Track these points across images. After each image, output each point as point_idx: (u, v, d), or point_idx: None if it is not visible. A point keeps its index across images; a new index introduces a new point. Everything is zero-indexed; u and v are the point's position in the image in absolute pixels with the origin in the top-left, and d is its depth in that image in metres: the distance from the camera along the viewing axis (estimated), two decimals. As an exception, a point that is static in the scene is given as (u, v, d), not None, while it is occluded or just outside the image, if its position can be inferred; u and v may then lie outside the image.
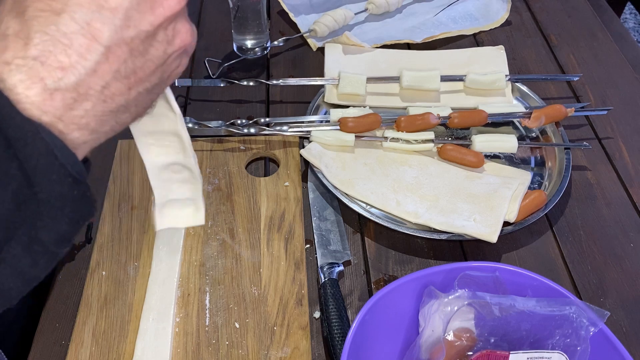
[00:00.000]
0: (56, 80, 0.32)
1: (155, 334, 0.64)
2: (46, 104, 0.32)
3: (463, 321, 0.58)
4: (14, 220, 0.31)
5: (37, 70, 0.31)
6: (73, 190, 0.33)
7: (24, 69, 0.31)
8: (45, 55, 0.32)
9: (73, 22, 0.32)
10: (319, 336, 0.66)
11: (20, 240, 0.32)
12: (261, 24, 0.98)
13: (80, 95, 0.33)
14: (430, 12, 1.11)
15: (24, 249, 0.32)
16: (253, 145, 0.84)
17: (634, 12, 2.70)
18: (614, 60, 1.02)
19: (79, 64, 0.32)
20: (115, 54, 0.34)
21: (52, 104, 0.32)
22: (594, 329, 0.55)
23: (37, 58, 0.31)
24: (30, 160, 0.30)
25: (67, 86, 0.32)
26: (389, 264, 0.73)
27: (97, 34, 0.33)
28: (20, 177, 0.31)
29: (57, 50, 0.32)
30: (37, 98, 0.32)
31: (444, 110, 0.86)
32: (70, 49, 0.32)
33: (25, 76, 0.31)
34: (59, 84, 0.32)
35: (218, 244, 0.73)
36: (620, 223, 0.78)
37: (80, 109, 0.33)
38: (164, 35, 0.36)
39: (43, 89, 0.32)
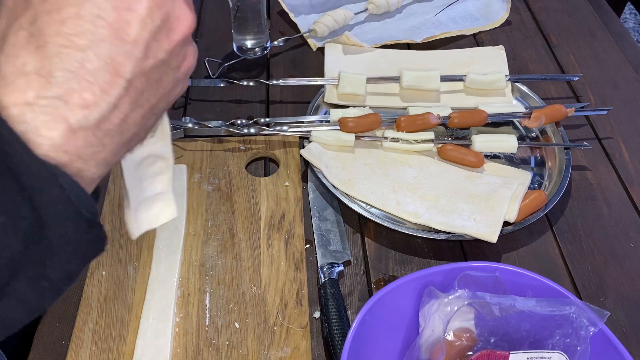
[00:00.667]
0: (80, 120, 0.31)
1: (155, 333, 0.64)
2: (69, 144, 0.31)
3: (463, 321, 0.58)
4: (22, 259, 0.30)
5: (61, 110, 0.30)
6: (87, 234, 0.32)
7: (47, 109, 0.30)
8: (69, 93, 0.31)
9: (97, 58, 0.31)
10: (319, 336, 0.66)
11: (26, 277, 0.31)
12: (261, 24, 0.98)
13: (101, 131, 0.32)
14: (430, 12, 1.11)
15: (31, 284, 0.32)
16: (253, 145, 0.84)
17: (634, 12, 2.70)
18: (614, 60, 1.02)
19: (103, 101, 0.32)
20: (135, 86, 0.33)
21: (75, 143, 0.31)
22: (594, 329, 0.55)
23: (61, 97, 0.30)
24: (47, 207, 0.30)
25: (90, 124, 0.31)
26: (389, 264, 0.73)
27: (120, 68, 0.32)
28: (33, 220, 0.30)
29: (81, 87, 0.31)
30: (59, 139, 0.31)
31: (444, 110, 0.86)
32: (94, 85, 0.31)
33: (49, 117, 0.30)
34: (83, 123, 0.31)
35: (218, 244, 0.73)
36: (620, 223, 0.78)
37: (100, 144, 0.33)
38: (176, 61, 0.36)
39: (67, 130, 0.31)
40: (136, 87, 0.33)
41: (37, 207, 0.30)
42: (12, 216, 0.29)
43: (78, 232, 0.31)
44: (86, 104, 0.31)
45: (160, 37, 0.34)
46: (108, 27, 0.31)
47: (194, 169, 0.81)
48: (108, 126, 0.32)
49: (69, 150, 0.31)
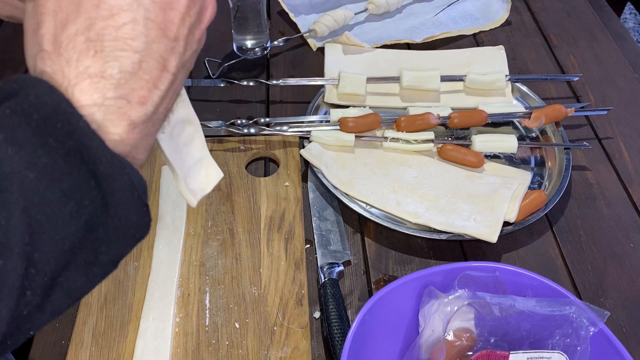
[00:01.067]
0: (140, 115, 0.34)
1: (155, 333, 0.64)
2: (130, 137, 0.34)
3: (463, 321, 0.58)
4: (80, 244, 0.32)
5: (125, 108, 0.33)
6: (145, 217, 0.34)
7: (113, 108, 0.33)
8: (130, 93, 0.33)
9: (151, 58, 0.34)
10: (319, 336, 0.66)
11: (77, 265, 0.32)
12: (261, 24, 0.98)
13: (152, 121, 0.35)
14: (430, 12, 1.11)
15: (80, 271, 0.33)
16: (253, 145, 0.84)
17: (634, 12, 2.70)
18: (614, 60, 1.02)
19: (155, 95, 0.34)
20: (177, 77, 0.36)
21: (133, 136, 0.34)
22: (594, 329, 0.55)
23: (124, 97, 0.33)
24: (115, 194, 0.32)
25: (146, 117, 0.34)
26: (389, 264, 0.73)
27: (168, 64, 0.35)
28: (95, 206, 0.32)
29: (139, 86, 0.34)
30: (124, 134, 0.33)
31: (444, 110, 0.86)
32: (150, 83, 0.34)
33: (114, 116, 0.33)
34: (142, 117, 0.34)
35: (218, 244, 0.73)
36: (620, 223, 0.78)
37: (150, 133, 0.36)
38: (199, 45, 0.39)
39: (129, 125, 0.33)
40: (178, 78, 0.36)
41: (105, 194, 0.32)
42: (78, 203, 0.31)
43: (139, 215, 0.34)
44: (144, 101, 0.34)
45: (195, 30, 0.37)
46: (157, 28, 0.34)
47: (194, 169, 0.81)
48: (157, 116, 0.36)
49: (130, 142, 0.34)
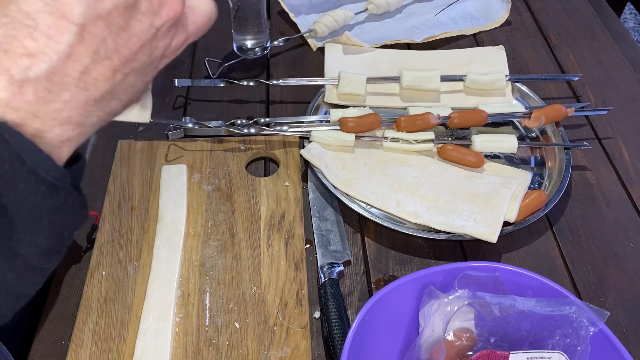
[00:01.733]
0: (23, 70, 0.27)
1: (155, 333, 0.64)
2: (15, 99, 0.28)
3: (463, 321, 0.58)
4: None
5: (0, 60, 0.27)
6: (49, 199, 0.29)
7: None
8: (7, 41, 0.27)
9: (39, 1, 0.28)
10: (319, 336, 0.66)
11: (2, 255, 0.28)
12: (261, 24, 0.98)
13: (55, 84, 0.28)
14: (430, 12, 1.11)
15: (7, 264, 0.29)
16: (253, 145, 0.84)
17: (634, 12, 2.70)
18: (614, 60, 1.02)
19: (49, 48, 0.28)
20: (91, 32, 0.29)
21: (23, 98, 0.28)
22: (594, 329, 0.55)
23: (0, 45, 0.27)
24: None
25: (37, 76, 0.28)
26: (389, 264, 0.73)
27: (67, 10, 0.28)
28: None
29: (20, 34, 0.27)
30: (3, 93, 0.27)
31: (444, 110, 0.86)
32: (37, 31, 0.27)
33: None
34: (28, 74, 0.28)
35: (218, 244, 0.73)
36: (620, 223, 0.78)
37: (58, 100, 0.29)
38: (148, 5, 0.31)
39: (9, 82, 0.27)
40: (93, 33, 0.29)
41: None
42: None
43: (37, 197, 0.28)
44: (29, 53, 0.27)
45: None
46: None
47: (194, 169, 0.81)
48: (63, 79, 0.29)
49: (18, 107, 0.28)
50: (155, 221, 0.74)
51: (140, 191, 0.78)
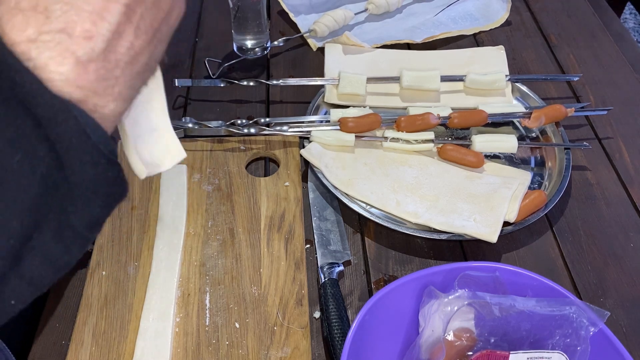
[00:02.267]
0: (88, 51, 0.30)
1: (155, 333, 0.64)
2: (81, 79, 0.30)
3: (463, 321, 0.58)
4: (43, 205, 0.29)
5: (66, 43, 0.29)
6: (107, 172, 0.31)
7: (51, 44, 0.29)
8: (71, 26, 0.30)
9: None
10: (319, 336, 0.66)
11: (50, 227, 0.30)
12: (261, 24, 0.98)
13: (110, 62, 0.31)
14: (430, 12, 1.11)
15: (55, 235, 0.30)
16: (253, 145, 0.84)
17: (634, 12, 2.70)
18: (614, 60, 1.02)
19: (104, 28, 0.30)
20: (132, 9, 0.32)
21: (87, 77, 0.30)
22: (594, 329, 0.55)
23: (64, 30, 0.29)
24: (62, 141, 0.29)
25: (97, 55, 0.30)
26: (389, 264, 0.73)
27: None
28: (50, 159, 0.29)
29: (81, 18, 0.30)
30: (71, 74, 0.30)
31: (444, 110, 0.86)
32: (93, 14, 0.30)
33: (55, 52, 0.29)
34: (90, 54, 0.30)
35: (218, 244, 0.73)
36: (620, 223, 0.78)
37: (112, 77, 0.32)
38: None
39: (76, 63, 0.30)
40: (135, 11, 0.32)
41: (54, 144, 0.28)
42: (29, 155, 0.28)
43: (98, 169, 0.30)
44: (90, 35, 0.30)
45: None
46: None
47: (194, 169, 0.81)
48: (116, 56, 0.31)
49: (82, 85, 0.30)
50: (155, 221, 0.74)
51: (140, 191, 0.78)
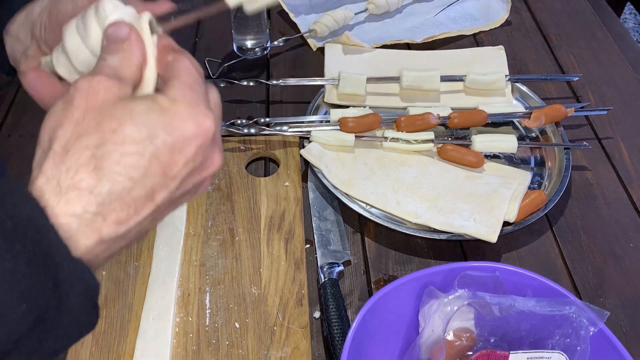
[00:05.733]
0: (111, 233, 0.35)
1: (155, 333, 0.64)
2: (96, 249, 0.35)
3: (463, 321, 0.58)
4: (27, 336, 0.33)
5: (99, 224, 0.35)
6: (93, 317, 0.36)
7: (88, 221, 0.34)
8: (109, 212, 0.35)
9: (142, 189, 0.36)
10: (319, 336, 0.66)
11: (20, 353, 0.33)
12: (261, 24, 0.98)
13: (122, 238, 0.37)
14: (430, 12, 1.11)
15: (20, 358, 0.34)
16: (253, 145, 0.84)
17: (634, 12, 2.70)
18: (614, 60, 1.02)
19: (132, 219, 0.36)
20: (159, 209, 0.38)
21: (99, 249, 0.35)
22: (594, 329, 0.55)
23: (102, 213, 0.35)
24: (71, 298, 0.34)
25: (116, 236, 0.36)
26: (389, 264, 0.73)
27: (156, 196, 0.37)
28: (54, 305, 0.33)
29: (121, 208, 0.35)
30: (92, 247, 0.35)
31: (444, 110, 0.86)
32: (131, 208, 0.36)
33: (88, 229, 0.34)
34: (112, 235, 0.35)
35: (218, 244, 0.73)
36: (620, 223, 0.78)
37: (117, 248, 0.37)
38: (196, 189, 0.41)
39: (99, 240, 0.35)
40: (160, 209, 0.38)
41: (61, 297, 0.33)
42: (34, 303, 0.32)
43: (88, 316, 0.35)
44: (120, 222, 0.35)
45: (194, 174, 0.39)
46: (160, 165, 0.36)
47: (194, 169, 0.81)
48: (128, 235, 0.37)
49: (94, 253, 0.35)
50: (155, 221, 0.74)
51: (140, 191, 0.78)
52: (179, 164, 0.37)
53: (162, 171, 0.36)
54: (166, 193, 0.37)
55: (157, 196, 0.37)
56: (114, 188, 0.35)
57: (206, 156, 0.39)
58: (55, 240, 0.33)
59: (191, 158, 0.37)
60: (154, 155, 0.36)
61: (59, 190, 0.34)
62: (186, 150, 0.37)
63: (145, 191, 0.36)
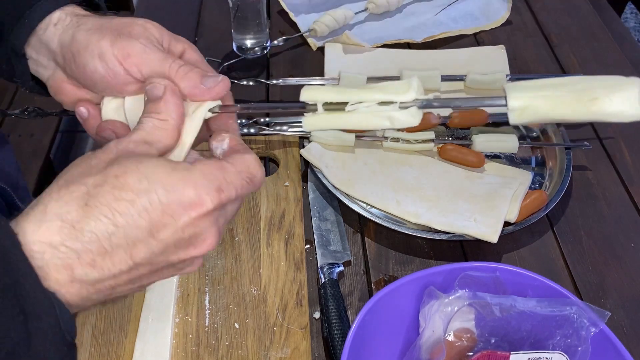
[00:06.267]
0: (82, 274, 0.35)
1: (154, 334, 0.64)
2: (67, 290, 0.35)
3: (463, 321, 0.58)
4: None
5: (72, 261, 0.35)
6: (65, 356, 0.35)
7: (62, 255, 0.35)
8: (85, 252, 0.35)
9: (124, 238, 0.36)
10: (319, 336, 0.66)
11: None
12: (261, 24, 0.97)
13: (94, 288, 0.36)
14: (430, 11, 1.11)
15: None
16: (253, 145, 0.84)
17: (635, 12, 2.70)
18: (615, 60, 1.02)
19: (107, 268, 0.36)
20: (138, 270, 0.37)
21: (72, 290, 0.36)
22: (595, 329, 0.55)
23: (78, 251, 0.35)
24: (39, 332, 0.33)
25: (88, 280, 0.36)
26: (389, 264, 0.73)
27: (136, 253, 0.36)
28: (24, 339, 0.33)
29: (97, 251, 0.35)
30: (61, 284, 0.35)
31: (445, 109, 0.85)
32: (107, 255, 0.36)
33: (60, 263, 0.35)
34: (83, 277, 0.35)
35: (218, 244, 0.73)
36: (621, 223, 0.78)
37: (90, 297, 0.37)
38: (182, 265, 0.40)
39: (70, 278, 0.35)
40: (139, 271, 0.38)
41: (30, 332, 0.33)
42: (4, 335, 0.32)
43: (58, 353, 0.35)
44: (92, 264, 0.35)
45: (181, 247, 0.38)
46: (148, 221, 0.36)
47: (194, 169, 0.80)
48: (100, 287, 0.37)
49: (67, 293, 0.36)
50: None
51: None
52: (168, 229, 0.37)
53: (148, 228, 0.36)
54: (147, 253, 0.37)
55: (136, 252, 0.36)
56: (97, 228, 0.35)
57: (197, 233, 0.38)
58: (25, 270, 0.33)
59: (181, 227, 0.37)
60: (144, 209, 0.36)
61: (43, 217, 0.35)
62: (178, 217, 0.37)
63: (127, 242, 0.36)
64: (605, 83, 0.41)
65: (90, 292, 0.36)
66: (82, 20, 0.47)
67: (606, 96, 0.40)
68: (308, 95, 0.45)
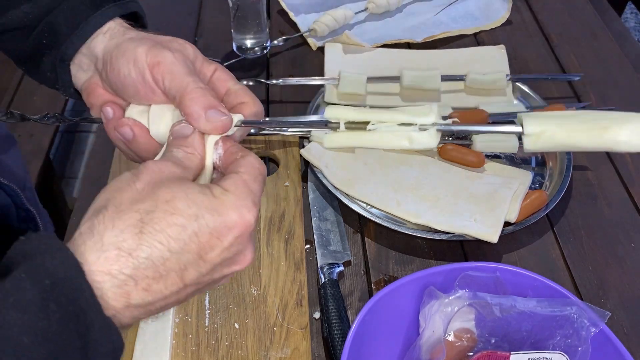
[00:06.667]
0: (138, 300, 0.37)
1: (154, 334, 0.64)
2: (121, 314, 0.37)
3: (464, 322, 0.58)
4: None
5: (129, 288, 0.36)
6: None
7: (120, 283, 0.36)
8: (142, 278, 0.37)
9: (177, 262, 0.38)
10: (319, 337, 0.66)
11: None
12: (261, 24, 0.97)
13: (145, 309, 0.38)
14: (430, 11, 1.11)
15: None
16: (253, 145, 0.84)
17: (635, 12, 2.69)
18: (615, 59, 1.02)
19: (159, 291, 0.38)
20: (186, 290, 0.40)
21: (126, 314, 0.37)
22: (595, 330, 0.55)
23: (135, 277, 0.36)
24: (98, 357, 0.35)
25: (142, 304, 0.38)
26: (389, 264, 0.73)
27: (186, 275, 0.39)
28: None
29: (153, 276, 0.37)
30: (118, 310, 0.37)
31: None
32: (162, 279, 0.37)
33: (118, 290, 0.36)
34: (139, 302, 0.37)
35: (218, 244, 0.73)
36: (621, 223, 0.78)
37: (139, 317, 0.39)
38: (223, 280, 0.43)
39: (126, 305, 0.37)
40: (186, 291, 0.40)
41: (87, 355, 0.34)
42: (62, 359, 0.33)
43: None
44: (149, 289, 0.37)
45: (226, 265, 0.41)
46: (197, 244, 0.38)
47: (194, 169, 0.80)
48: (150, 308, 0.39)
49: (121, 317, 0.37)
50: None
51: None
52: (215, 250, 0.39)
53: (198, 251, 0.38)
54: (196, 275, 0.39)
55: (187, 275, 0.38)
56: (152, 254, 0.37)
57: (240, 250, 0.41)
58: (91, 300, 0.35)
59: (227, 247, 0.40)
60: (195, 233, 0.38)
61: (100, 247, 0.36)
62: (224, 238, 0.39)
63: (179, 266, 0.38)
64: (613, 116, 0.44)
65: (140, 313, 0.38)
66: (128, 31, 0.50)
67: (616, 125, 0.43)
68: (332, 114, 0.48)
